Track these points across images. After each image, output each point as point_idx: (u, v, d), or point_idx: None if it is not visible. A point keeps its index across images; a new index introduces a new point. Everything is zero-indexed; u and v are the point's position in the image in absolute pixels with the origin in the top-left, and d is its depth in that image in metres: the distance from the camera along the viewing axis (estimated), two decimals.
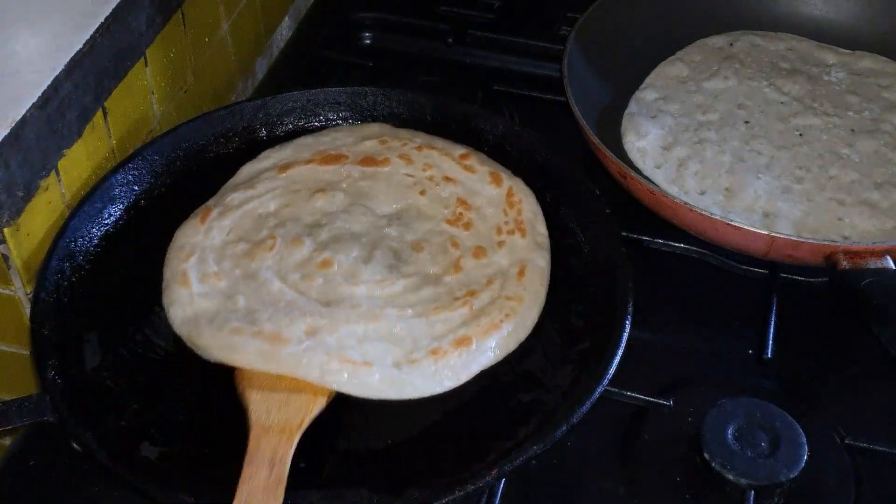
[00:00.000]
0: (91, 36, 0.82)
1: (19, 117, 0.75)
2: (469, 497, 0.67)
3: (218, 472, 0.70)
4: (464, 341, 0.73)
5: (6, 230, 0.77)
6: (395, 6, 1.21)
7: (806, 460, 0.72)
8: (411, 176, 0.87)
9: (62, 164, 0.82)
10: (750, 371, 0.83)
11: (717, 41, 1.10)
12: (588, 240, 0.84)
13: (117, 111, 0.88)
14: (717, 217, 0.82)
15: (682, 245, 0.92)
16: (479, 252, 0.81)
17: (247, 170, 0.88)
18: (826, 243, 0.81)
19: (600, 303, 0.79)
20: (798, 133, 0.99)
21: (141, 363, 0.77)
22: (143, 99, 0.93)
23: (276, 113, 0.95)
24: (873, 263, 0.78)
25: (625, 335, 0.74)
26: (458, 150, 0.88)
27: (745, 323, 0.87)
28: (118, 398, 0.74)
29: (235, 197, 0.84)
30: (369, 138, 0.90)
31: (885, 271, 0.78)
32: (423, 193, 0.85)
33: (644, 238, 0.92)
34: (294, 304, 0.75)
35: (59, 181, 0.82)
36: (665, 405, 0.79)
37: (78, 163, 0.84)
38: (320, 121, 0.95)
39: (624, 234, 0.84)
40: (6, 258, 0.78)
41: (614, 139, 0.98)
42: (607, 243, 0.82)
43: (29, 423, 0.71)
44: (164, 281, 0.79)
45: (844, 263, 0.79)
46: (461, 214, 0.84)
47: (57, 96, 0.78)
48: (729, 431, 0.73)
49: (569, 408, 0.70)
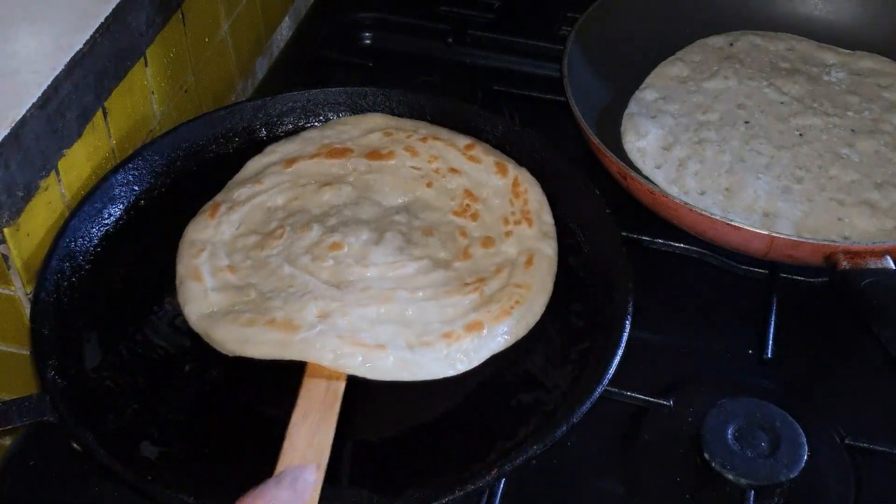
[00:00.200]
0: (91, 36, 0.82)
1: (19, 117, 0.75)
2: (469, 497, 0.67)
3: (218, 472, 0.70)
4: (476, 326, 0.74)
5: (6, 230, 0.77)
6: (395, 6, 1.21)
7: (806, 460, 0.72)
8: (417, 168, 0.87)
9: (62, 164, 0.82)
10: (750, 371, 0.83)
11: (717, 41, 1.10)
12: (588, 240, 0.84)
13: (117, 111, 0.88)
14: (717, 217, 0.82)
15: (682, 245, 0.92)
16: (488, 242, 0.81)
17: (252, 165, 0.88)
18: (826, 243, 0.81)
19: (600, 303, 0.79)
20: (798, 133, 0.99)
21: (141, 363, 0.77)
22: (143, 99, 0.93)
23: (276, 113, 0.95)
24: (873, 263, 0.78)
25: (625, 335, 0.74)
26: (463, 141, 0.89)
27: (745, 323, 0.87)
28: (118, 398, 0.74)
29: (243, 192, 0.85)
30: (374, 130, 0.91)
31: (885, 271, 0.78)
32: (430, 185, 0.86)
33: (644, 238, 0.92)
34: (305, 288, 0.75)
35: (59, 181, 0.82)
36: (665, 405, 0.79)
37: (78, 163, 0.84)
38: (320, 121, 0.95)
39: (624, 234, 0.84)
40: (6, 258, 0.78)
41: (614, 139, 0.98)
42: (607, 243, 0.82)
43: (29, 423, 0.71)
44: (178, 278, 0.79)
45: (844, 263, 0.79)
46: (468, 206, 0.85)
47: (57, 96, 0.78)
48: (729, 431, 0.73)
49: (569, 408, 0.70)
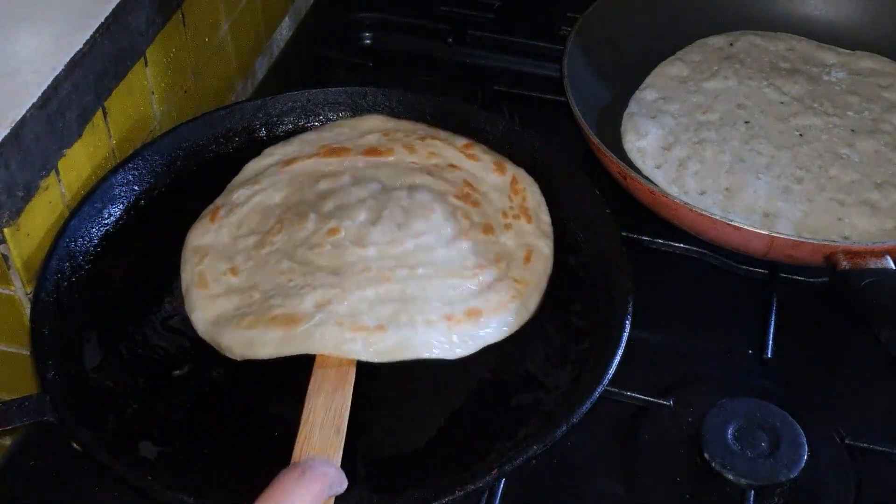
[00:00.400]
0: (91, 36, 0.82)
1: (19, 117, 0.75)
2: (469, 497, 0.67)
3: (218, 472, 0.70)
4: (475, 313, 0.74)
5: (6, 230, 0.77)
6: (395, 6, 1.21)
7: (806, 460, 0.72)
8: (416, 164, 0.87)
9: (62, 164, 0.82)
10: (750, 371, 0.83)
11: (717, 41, 1.10)
12: (588, 240, 0.84)
13: (117, 111, 0.88)
14: (717, 217, 0.82)
15: (682, 245, 0.92)
16: (488, 229, 0.81)
17: (251, 167, 0.88)
18: (826, 243, 0.81)
19: (600, 303, 0.79)
20: (798, 133, 0.99)
21: (141, 363, 0.77)
22: (143, 99, 0.93)
23: (276, 113, 0.95)
24: (873, 263, 0.78)
25: (625, 335, 0.74)
26: (461, 141, 0.89)
27: (745, 323, 0.87)
28: (118, 398, 0.74)
29: (241, 194, 0.85)
30: (372, 132, 0.91)
31: (885, 271, 0.78)
32: (430, 174, 0.86)
33: (644, 238, 0.92)
34: (304, 280, 0.75)
35: (59, 181, 0.82)
36: (665, 405, 0.79)
37: (78, 163, 0.84)
38: (320, 121, 0.95)
39: (624, 234, 0.84)
40: (6, 258, 0.78)
41: (614, 139, 0.98)
42: (607, 243, 0.82)
43: (29, 423, 0.71)
44: (183, 286, 0.79)
45: (844, 263, 0.79)
46: (468, 193, 0.84)
47: (57, 96, 0.78)
48: (729, 431, 0.73)
49: (569, 408, 0.70)
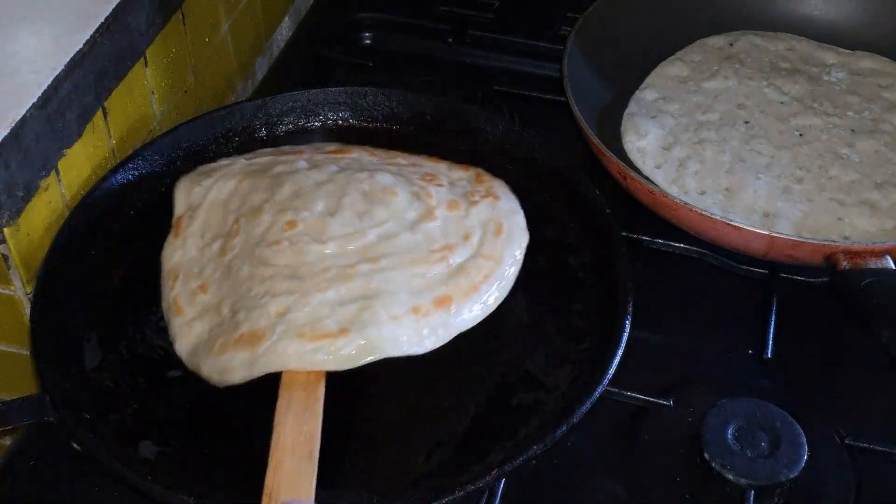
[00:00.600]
0: (91, 36, 0.82)
1: (19, 117, 0.75)
2: (469, 497, 0.67)
3: (218, 472, 0.70)
4: (444, 301, 0.71)
5: (6, 230, 0.77)
6: (395, 6, 1.21)
7: (806, 460, 0.72)
8: (377, 160, 0.85)
9: (62, 164, 0.82)
10: (750, 371, 0.83)
11: (717, 41, 1.10)
12: (588, 240, 0.84)
13: (117, 111, 0.88)
14: (717, 217, 0.82)
15: (682, 245, 0.92)
16: (454, 205, 0.78)
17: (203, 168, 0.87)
18: (826, 243, 0.81)
19: (600, 303, 0.79)
20: (798, 133, 0.99)
21: (141, 363, 0.77)
22: (143, 99, 0.93)
23: (276, 113, 0.95)
24: (873, 263, 0.78)
25: (625, 335, 0.74)
26: (424, 154, 0.88)
27: (745, 323, 0.87)
28: (118, 398, 0.74)
29: (197, 193, 0.82)
30: (329, 145, 0.90)
31: (885, 271, 0.78)
32: (391, 165, 0.84)
33: (644, 238, 0.92)
34: (264, 287, 0.72)
35: (59, 181, 0.82)
36: (665, 405, 0.79)
37: (78, 163, 0.84)
38: (320, 121, 0.95)
39: (624, 234, 0.84)
40: (6, 258, 0.78)
41: (614, 139, 0.98)
42: (607, 243, 0.82)
43: (29, 423, 0.71)
44: (164, 315, 0.77)
45: (844, 263, 0.79)
46: (432, 178, 0.82)
47: (57, 96, 0.78)
48: (729, 431, 0.73)
49: (569, 408, 0.70)
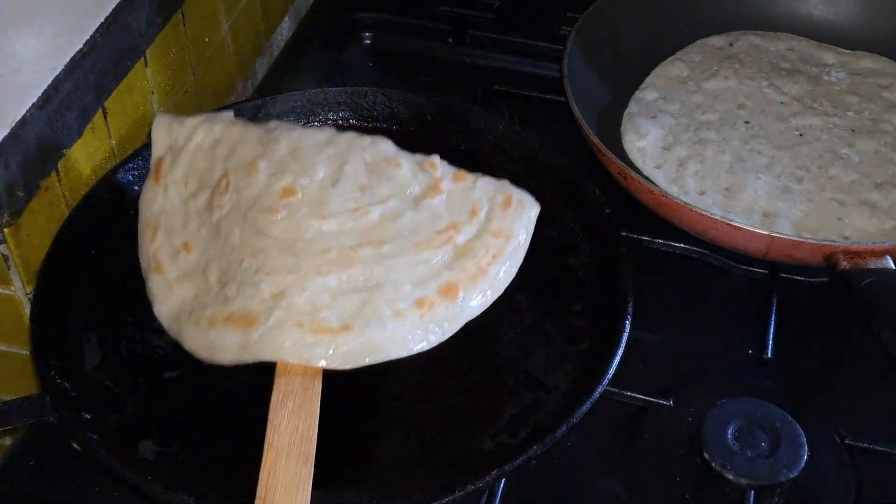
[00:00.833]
0: (91, 36, 0.82)
1: (19, 117, 0.75)
2: (469, 497, 0.67)
3: (218, 472, 0.70)
4: (450, 290, 0.67)
5: (6, 230, 0.77)
6: (395, 6, 1.21)
7: (806, 460, 0.72)
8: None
9: (62, 164, 0.82)
10: (750, 371, 0.83)
11: (717, 41, 1.10)
12: (588, 240, 0.84)
13: (117, 111, 0.88)
14: (717, 217, 0.82)
15: (682, 245, 0.92)
16: (459, 176, 0.73)
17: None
18: (826, 243, 0.81)
19: (600, 303, 0.79)
20: (798, 133, 0.99)
21: (141, 363, 0.77)
22: (143, 99, 0.93)
23: (276, 113, 0.94)
24: (873, 263, 0.78)
25: (625, 335, 0.74)
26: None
27: (745, 323, 0.87)
28: (118, 398, 0.74)
29: (179, 133, 0.76)
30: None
31: (885, 271, 0.78)
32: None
33: (644, 238, 0.92)
34: (257, 262, 0.67)
35: (59, 181, 0.82)
36: (665, 405, 0.79)
37: (78, 163, 0.84)
38: (320, 120, 0.95)
39: (624, 234, 0.84)
40: (6, 258, 0.78)
41: (614, 139, 0.98)
42: (607, 243, 0.82)
43: (29, 423, 0.71)
44: (143, 270, 0.72)
45: (844, 263, 0.79)
46: (432, 161, 0.76)
47: (57, 96, 0.78)
48: (729, 431, 0.73)
49: (569, 408, 0.70)
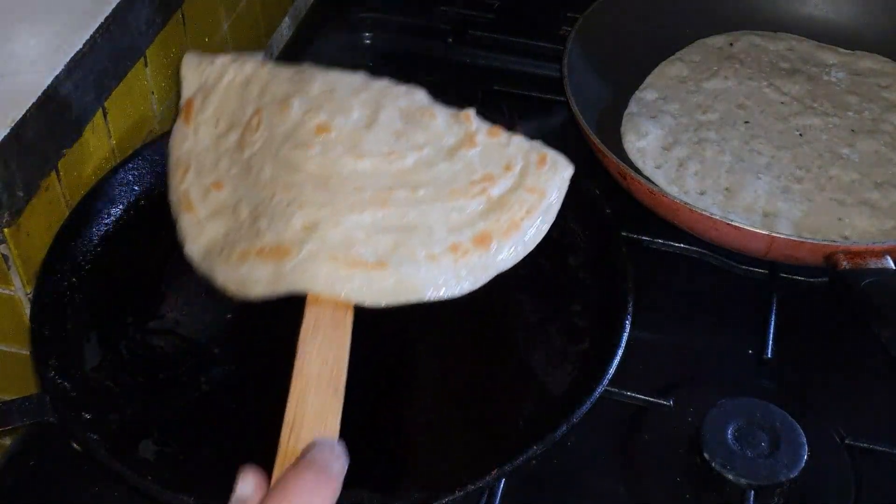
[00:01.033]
0: (91, 36, 0.82)
1: (19, 117, 0.75)
2: (469, 497, 0.67)
3: (218, 472, 0.70)
4: (484, 239, 0.66)
5: (6, 230, 0.77)
6: (395, 6, 1.21)
7: (806, 460, 0.72)
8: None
9: (62, 164, 0.82)
10: (750, 371, 0.83)
11: (717, 41, 1.10)
12: (588, 240, 0.84)
13: (117, 111, 0.88)
14: (717, 217, 0.82)
15: (682, 245, 0.92)
16: (494, 132, 0.72)
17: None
18: (826, 243, 0.81)
19: (600, 303, 0.79)
20: (798, 133, 0.99)
21: (141, 363, 0.77)
22: (143, 99, 0.93)
23: None
24: (873, 263, 0.78)
25: (625, 335, 0.74)
26: None
27: (745, 323, 0.87)
28: (118, 398, 0.74)
29: (210, 73, 0.75)
30: None
31: (885, 271, 0.78)
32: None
33: (644, 238, 0.92)
34: (289, 194, 0.66)
35: (59, 181, 0.82)
36: (665, 405, 0.79)
37: (78, 163, 0.84)
38: None
39: (624, 234, 0.84)
40: (6, 258, 0.78)
41: (614, 139, 0.98)
42: (607, 243, 0.82)
43: (29, 423, 0.71)
44: (172, 210, 0.71)
45: (844, 263, 0.79)
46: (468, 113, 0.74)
47: (57, 96, 0.78)
48: (729, 431, 0.73)
49: (569, 408, 0.70)
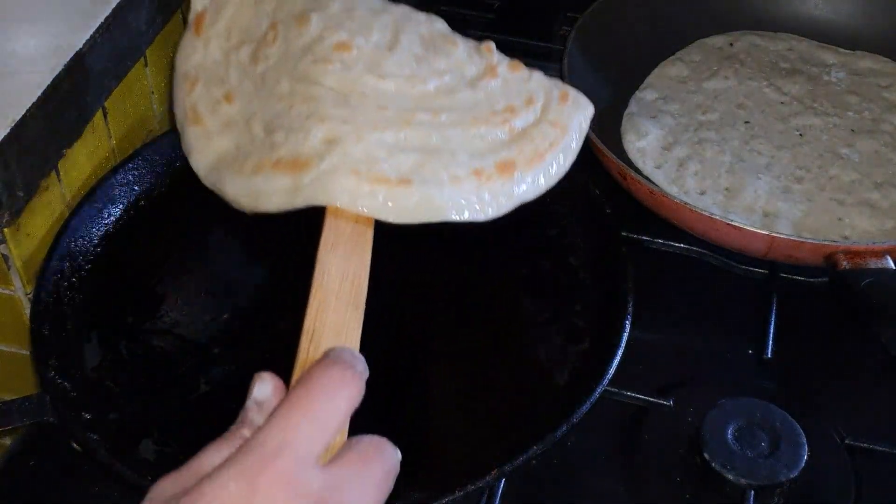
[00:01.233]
0: (91, 36, 0.82)
1: (19, 117, 0.75)
2: (469, 497, 0.67)
3: None
4: (508, 167, 0.64)
5: (6, 230, 0.77)
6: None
7: (806, 460, 0.72)
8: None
9: (62, 164, 0.82)
10: (750, 371, 0.83)
11: (717, 41, 1.10)
12: (588, 240, 0.85)
13: (117, 111, 0.88)
14: (717, 217, 0.82)
15: (682, 245, 0.92)
16: (515, 66, 0.71)
17: None
18: (826, 243, 0.81)
19: (600, 303, 0.79)
20: (798, 133, 0.99)
21: (141, 363, 0.77)
22: (143, 99, 0.93)
23: None
24: (873, 263, 0.78)
25: (625, 335, 0.74)
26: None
27: (745, 323, 0.87)
28: (118, 398, 0.74)
29: None
30: None
31: (885, 271, 0.78)
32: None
33: (644, 238, 0.92)
34: (308, 107, 0.64)
35: (59, 181, 0.82)
36: (665, 405, 0.79)
37: (78, 163, 0.84)
38: None
39: (624, 234, 0.84)
40: (6, 258, 0.78)
41: (614, 139, 0.98)
42: (607, 243, 0.82)
43: (29, 423, 0.71)
44: (177, 123, 0.70)
45: (844, 263, 0.79)
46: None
47: (57, 96, 0.78)
48: (729, 431, 0.73)
49: (569, 408, 0.70)
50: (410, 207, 0.61)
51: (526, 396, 0.75)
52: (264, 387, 0.49)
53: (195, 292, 0.83)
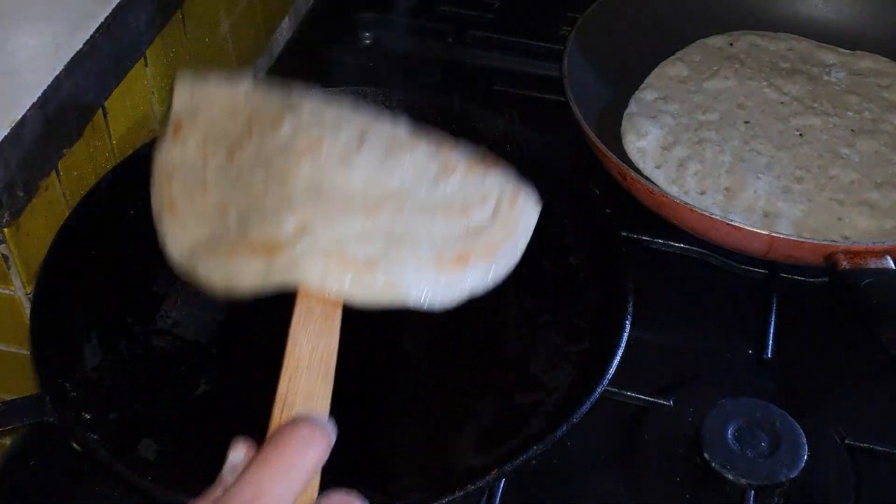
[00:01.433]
0: (91, 36, 0.82)
1: (19, 117, 0.75)
2: (469, 497, 0.67)
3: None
4: (463, 259, 0.68)
5: (6, 230, 0.77)
6: (395, 6, 1.21)
7: (806, 460, 0.72)
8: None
9: (62, 164, 0.82)
10: (750, 371, 0.83)
11: (717, 41, 1.10)
12: (588, 240, 0.84)
13: (117, 111, 0.88)
14: (717, 217, 0.82)
15: (682, 245, 0.92)
16: (471, 166, 0.74)
17: None
18: (826, 243, 0.81)
19: (600, 303, 0.79)
20: (798, 133, 0.99)
21: (141, 363, 0.77)
22: (143, 99, 0.93)
23: None
24: (873, 263, 0.78)
25: (625, 335, 0.74)
26: None
27: (745, 323, 0.87)
28: (118, 398, 0.74)
29: (200, 96, 0.77)
30: None
31: (885, 271, 0.78)
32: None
33: (644, 238, 0.92)
34: (280, 197, 0.67)
35: (59, 181, 0.82)
36: (665, 405, 0.79)
37: (78, 163, 0.84)
38: None
39: (624, 234, 0.84)
40: (6, 258, 0.78)
41: (614, 139, 0.98)
42: (607, 243, 0.82)
43: (29, 423, 0.71)
44: (155, 213, 0.72)
45: (844, 263, 0.79)
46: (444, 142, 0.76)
47: (57, 96, 0.78)
48: (729, 431, 0.73)
49: (569, 408, 0.70)
50: (376, 290, 0.65)
51: (526, 396, 0.75)
52: (238, 452, 0.53)
53: (195, 292, 0.82)
